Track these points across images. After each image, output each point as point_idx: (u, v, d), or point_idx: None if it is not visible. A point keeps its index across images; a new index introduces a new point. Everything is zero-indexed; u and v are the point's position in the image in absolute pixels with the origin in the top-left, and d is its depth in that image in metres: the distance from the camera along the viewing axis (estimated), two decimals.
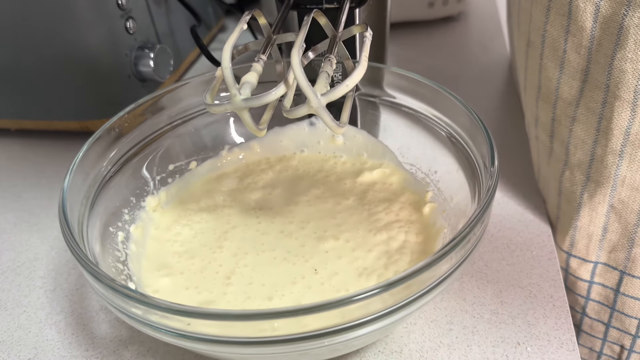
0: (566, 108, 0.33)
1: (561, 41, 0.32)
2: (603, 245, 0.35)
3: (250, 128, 0.27)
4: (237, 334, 0.22)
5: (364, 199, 0.35)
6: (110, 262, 0.29)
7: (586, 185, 0.34)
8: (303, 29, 0.26)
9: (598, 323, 0.37)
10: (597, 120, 0.31)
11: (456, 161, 0.32)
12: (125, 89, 0.47)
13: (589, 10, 0.29)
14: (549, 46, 0.33)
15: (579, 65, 0.31)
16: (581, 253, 0.36)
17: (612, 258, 0.35)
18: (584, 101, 0.32)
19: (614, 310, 0.36)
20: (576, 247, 0.36)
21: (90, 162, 0.31)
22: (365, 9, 0.36)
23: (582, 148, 0.33)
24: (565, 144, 0.34)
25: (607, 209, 0.33)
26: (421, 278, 0.22)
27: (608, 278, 0.36)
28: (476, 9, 0.70)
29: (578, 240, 0.36)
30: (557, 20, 0.32)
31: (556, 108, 0.34)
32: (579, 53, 0.31)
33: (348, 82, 0.24)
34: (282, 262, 0.31)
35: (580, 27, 0.30)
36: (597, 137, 0.32)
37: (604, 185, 0.33)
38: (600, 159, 0.32)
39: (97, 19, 0.43)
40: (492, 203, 0.26)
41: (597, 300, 0.37)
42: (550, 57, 0.33)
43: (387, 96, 0.36)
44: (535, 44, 0.35)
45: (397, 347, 0.30)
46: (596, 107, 0.31)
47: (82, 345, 0.31)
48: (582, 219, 0.35)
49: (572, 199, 0.35)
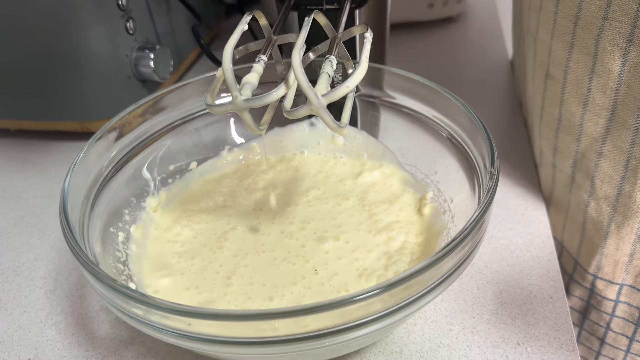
0: (591, 143, 0.33)
1: (585, 79, 0.31)
2: (629, 270, 0.35)
3: (251, 128, 0.27)
4: (237, 334, 0.22)
5: (364, 200, 0.35)
6: (111, 262, 0.29)
7: (613, 217, 0.34)
8: (304, 30, 0.26)
9: (622, 337, 0.38)
10: (625, 159, 0.31)
11: (456, 162, 0.32)
12: (126, 90, 0.47)
13: (617, 54, 0.29)
14: (571, 83, 0.33)
15: (604, 104, 0.31)
16: (607, 276, 0.36)
17: (638, 281, 0.35)
18: (611, 139, 0.32)
19: (638, 327, 0.36)
20: (602, 271, 0.36)
21: (90, 162, 0.31)
22: (365, 10, 0.36)
23: (609, 183, 0.33)
24: (590, 177, 0.34)
25: (634, 239, 0.33)
26: (421, 279, 0.22)
27: (634, 298, 0.36)
28: (476, 10, 0.70)
29: (604, 265, 0.36)
30: (582, 59, 0.31)
31: (580, 142, 0.34)
32: (605, 93, 0.30)
33: (348, 83, 0.24)
34: (283, 263, 0.31)
35: (607, 69, 0.30)
36: (626, 174, 0.32)
37: (631, 218, 0.33)
38: (628, 195, 0.32)
39: (98, 19, 0.43)
40: (492, 204, 0.26)
41: (622, 317, 0.37)
42: (573, 94, 0.33)
43: (387, 97, 0.36)
44: (555, 77, 0.34)
45: (397, 348, 0.30)
46: (624, 146, 0.31)
47: (83, 345, 0.31)
48: (609, 246, 0.35)
49: (599, 227, 0.35)
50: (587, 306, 0.38)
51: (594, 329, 0.39)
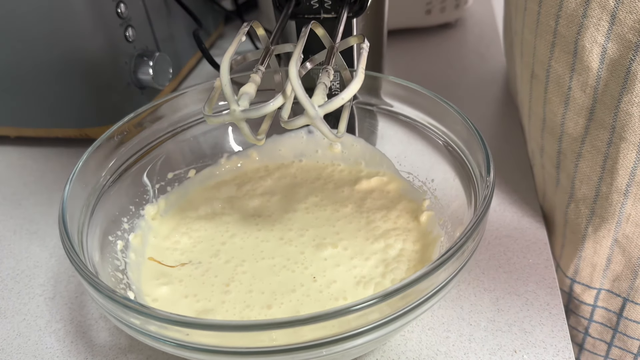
0: (572, 143, 0.33)
1: (566, 78, 0.32)
2: (607, 274, 0.35)
3: (249, 138, 0.27)
4: (235, 344, 0.22)
5: (362, 207, 0.36)
6: (110, 270, 0.30)
7: (591, 219, 0.34)
8: (301, 40, 0.27)
9: (601, 342, 0.38)
10: (602, 159, 0.31)
11: (453, 169, 0.33)
12: (125, 97, 0.47)
13: (596, 51, 0.29)
14: (553, 81, 0.33)
15: (584, 103, 0.31)
16: (585, 280, 0.36)
17: (615, 286, 0.35)
18: (590, 139, 0.32)
19: (616, 332, 0.36)
20: (580, 275, 0.36)
21: (90, 170, 0.31)
22: (362, 19, 0.36)
23: (588, 184, 0.33)
24: (571, 178, 0.34)
25: (611, 242, 0.33)
26: (418, 288, 0.23)
27: (611, 303, 0.36)
28: (473, 16, 0.70)
29: (582, 269, 0.36)
30: (562, 57, 0.31)
31: (562, 142, 0.34)
32: (585, 92, 0.31)
33: (344, 94, 0.24)
34: (282, 270, 0.31)
35: (586, 66, 0.30)
36: (603, 175, 0.32)
37: (608, 220, 0.33)
38: (605, 196, 0.32)
39: (97, 27, 0.44)
40: (488, 212, 0.26)
41: (600, 322, 0.37)
42: (555, 92, 0.33)
43: (385, 105, 0.36)
44: (539, 77, 0.34)
45: (395, 355, 0.30)
46: (602, 146, 0.31)
47: (82, 353, 0.32)
48: (587, 249, 0.35)
49: (577, 230, 0.35)
50: (566, 311, 0.39)
51: (572, 335, 0.39)
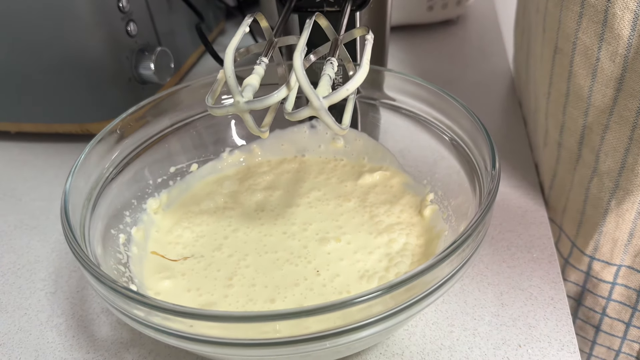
0: (599, 116, 0.33)
1: (594, 49, 0.31)
2: (628, 249, 0.35)
3: (252, 130, 0.27)
4: (239, 336, 0.22)
5: (365, 201, 0.35)
6: (112, 264, 0.29)
7: (614, 192, 0.34)
8: (305, 32, 0.26)
9: (618, 322, 0.37)
10: (630, 129, 0.31)
11: (457, 163, 0.33)
12: (126, 92, 0.47)
13: (627, 18, 0.29)
14: (580, 53, 0.32)
15: (613, 73, 0.31)
16: (605, 257, 0.36)
17: (636, 262, 0.35)
18: (618, 109, 0.32)
19: (635, 310, 0.36)
20: (600, 251, 0.36)
21: (91, 164, 0.31)
22: (365, 12, 0.36)
23: (613, 156, 0.33)
24: (595, 152, 0.34)
25: (635, 215, 0.33)
26: (422, 281, 0.22)
27: (632, 280, 0.36)
28: (475, 12, 0.70)
29: (602, 245, 0.36)
30: (591, 27, 0.31)
31: (588, 115, 0.34)
32: (614, 61, 0.30)
33: (349, 85, 0.24)
34: (285, 264, 0.31)
35: (616, 35, 0.30)
36: (630, 146, 0.32)
37: (633, 193, 0.33)
38: (631, 167, 0.32)
39: (98, 21, 0.43)
40: (493, 206, 0.26)
41: (618, 300, 0.37)
42: (582, 65, 0.33)
43: (388, 99, 0.36)
44: (564, 50, 0.34)
45: (399, 350, 0.30)
46: (630, 115, 0.31)
47: (83, 347, 0.31)
48: (608, 224, 0.35)
49: (599, 205, 0.35)
50: (582, 291, 0.38)
51: (588, 317, 0.38)
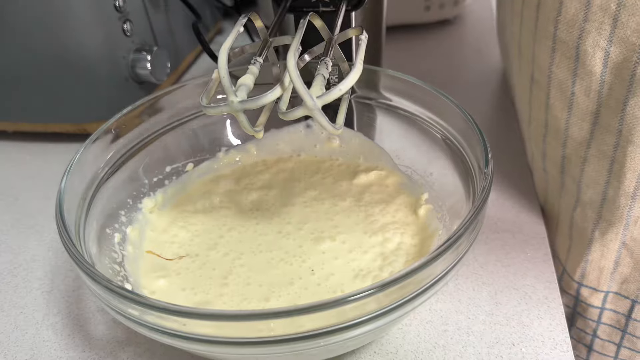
0: (577, 148, 0.33)
1: (569, 83, 0.31)
2: (615, 277, 0.35)
3: (247, 130, 0.27)
4: (232, 335, 0.22)
5: (360, 201, 0.36)
6: (107, 263, 0.29)
7: (598, 223, 0.33)
8: (299, 31, 0.27)
9: (609, 343, 0.37)
10: (609, 162, 0.31)
11: (451, 163, 0.33)
12: (123, 91, 0.47)
13: (598, 55, 0.29)
14: (555, 87, 0.32)
15: (588, 108, 0.31)
16: (592, 283, 0.36)
17: (623, 288, 0.35)
18: (595, 143, 0.31)
19: (625, 333, 0.36)
20: (587, 278, 0.36)
21: (87, 163, 0.31)
22: (361, 13, 0.36)
23: (594, 188, 0.33)
24: (576, 182, 0.34)
25: (619, 245, 0.33)
26: (416, 278, 0.23)
27: (619, 305, 0.36)
28: (472, 13, 0.70)
29: (589, 272, 0.35)
30: (564, 62, 0.31)
31: (566, 147, 0.33)
32: (589, 96, 0.30)
33: (342, 85, 0.24)
34: (280, 263, 0.31)
35: (589, 71, 0.30)
36: (609, 179, 0.31)
37: (616, 224, 0.32)
38: (612, 200, 0.32)
39: (95, 21, 0.43)
40: (486, 204, 0.26)
41: (608, 323, 0.37)
42: (558, 98, 0.33)
43: (383, 99, 0.36)
44: (540, 82, 0.34)
45: (393, 348, 0.30)
46: (608, 150, 0.31)
47: (79, 346, 0.31)
48: (594, 253, 0.34)
49: (584, 234, 0.35)
50: (573, 313, 0.38)
51: (580, 337, 0.38)
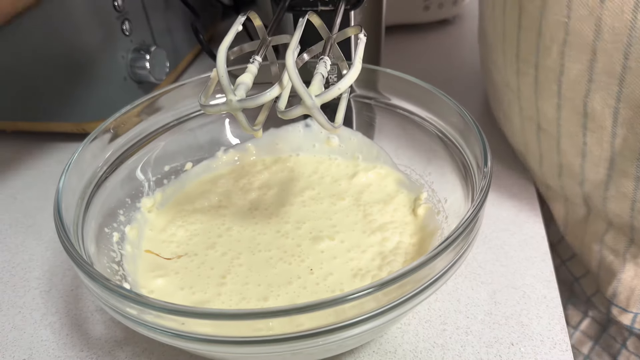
0: (595, 189, 0.33)
1: (579, 135, 0.31)
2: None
3: (245, 128, 0.27)
4: (231, 334, 0.22)
5: (359, 200, 0.36)
6: (105, 262, 0.29)
7: (629, 246, 0.34)
8: (298, 30, 0.27)
9: (636, 357, 0.38)
10: (630, 203, 0.31)
11: (450, 162, 0.33)
12: (121, 91, 0.47)
13: (607, 112, 0.29)
14: (566, 136, 0.32)
15: (602, 155, 0.31)
16: (622, 304, 0.36)
17: None
18: (614, 185, 0.31)
19: None
20: (618, 298, 0.36)
21: (85, 162, 0.31)
22: (360, 12, 0.36)
23: (620, 220, 0.33)
24: (602, 214, 0.34)
25: None
26: (415, 278, 0.23)
27: None
28: (471, 12, 0.70)
29: (620, 292, 0.36)
30: (573, 117, 0.31)
31: (584, 186, 0.33)
32: (602, 146, 0.30)
33: (341, 84, 0.24)
34: (279, 262, 0.31)
35: (599, 126, 0.29)
36: (633, 214, 0.32)
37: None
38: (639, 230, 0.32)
39: (94, 20, 0.43)
40: (485, 203, 0.26)
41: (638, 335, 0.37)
42: (570, 145, 0.32)
43: (382, 98, 0.36)
44: (548, 131, 0.33)
45: (391, 348, 0.30)
46: (628, 192, 0.31)
47: (77, 346, 0.31)
48: (626, 272, 0.35)
49: (616, 255, 0.35)
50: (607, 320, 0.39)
51: (608, 344, 0.39)
